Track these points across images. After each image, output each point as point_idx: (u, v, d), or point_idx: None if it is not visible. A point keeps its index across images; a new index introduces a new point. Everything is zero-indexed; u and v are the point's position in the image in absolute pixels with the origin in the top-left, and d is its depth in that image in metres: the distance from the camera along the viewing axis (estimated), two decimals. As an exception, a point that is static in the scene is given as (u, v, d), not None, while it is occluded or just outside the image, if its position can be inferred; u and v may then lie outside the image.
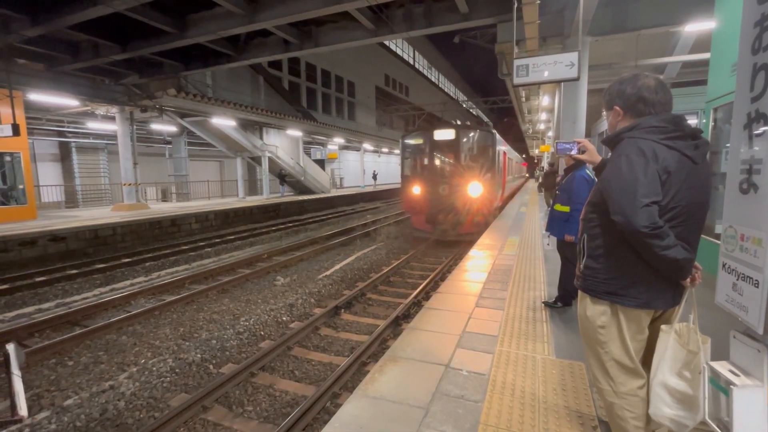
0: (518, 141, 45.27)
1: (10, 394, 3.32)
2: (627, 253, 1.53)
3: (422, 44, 40.56)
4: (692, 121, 6.64)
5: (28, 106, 12.26)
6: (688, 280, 1.52)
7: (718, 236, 4.34)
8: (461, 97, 55.12)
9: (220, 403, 3.64)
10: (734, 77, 1.32)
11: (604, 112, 1.78)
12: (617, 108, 1.63)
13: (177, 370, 4.15)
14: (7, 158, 11.62)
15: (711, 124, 4.83)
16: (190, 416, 3.42)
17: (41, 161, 17.10)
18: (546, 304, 3.91)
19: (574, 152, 1.91)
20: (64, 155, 18.12)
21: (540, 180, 19.62)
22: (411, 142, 10.77)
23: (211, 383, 3.80)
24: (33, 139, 15.80)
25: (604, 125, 13.34)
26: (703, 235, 1.51)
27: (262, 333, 5.23)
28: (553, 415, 2.20)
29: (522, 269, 5.36)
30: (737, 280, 1.24)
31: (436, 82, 46.02)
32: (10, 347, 3.41)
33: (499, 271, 5.28)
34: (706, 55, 5.15)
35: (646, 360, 1.65)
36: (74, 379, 4.14)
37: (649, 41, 9.43)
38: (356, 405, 2.32)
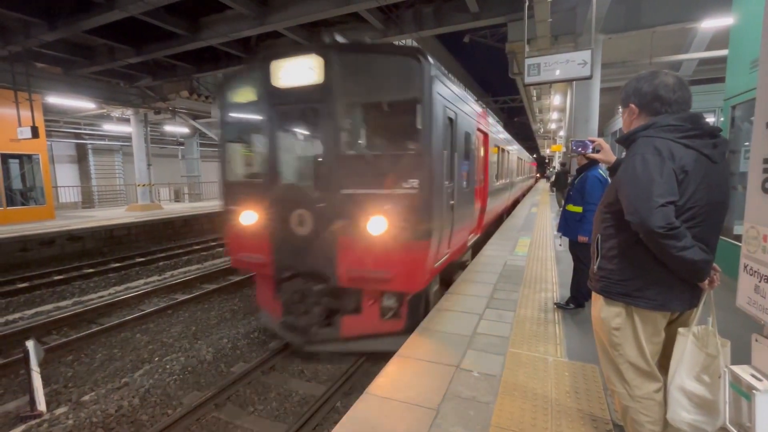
0: (529, 140, 44.86)
1: (30, 390, 3.43)
2: (642, 253, 1.49)
3: (432, 44, 40.45)
4: (709, 120, 6.49)
5: (47, 109, 12.59)
6: (707, 282, 1.49)
7: (737, 237, 4.23)
8: (471, 96, 54.71)
9: (232, 402, 3.68)
10: (754, 74, 1.28)
11: (620, 109, 1.75)
12: (632, 105, 1.60)
13: (189, 368, 4.21)
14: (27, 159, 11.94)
15: (729, 122, 4.72)
16: (203, 413, 3.46)
17: (59, 162, 17.53)
18: (558, 305, 3.86)
19: (588, 151, 1.88)
20: (80, 157, 18.56)
21: (552, 179, 19.40)
22: (232, 99, 4.44)
23: (223, 381, 3.84)
24: (51, 141, 16.20)
25: (617, 124, 13.13)
26: (721, 237, 1.47)
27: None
28: (566, 418, 2.17)
29: (533, 270, 5.30)
30: (760, 282, 1.21)
31: (446, 82, 45.75)
32: (30, 344, 3.52)
33: (510, 272, 5.23)
34: (723, 52, 5.03)
35: (663, 363, 1.61)
36: (90, 375, 4.23)
37: (664, 38, 9.26)
38: (367, 405, 2.32)
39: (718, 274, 1.52)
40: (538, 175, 39.92)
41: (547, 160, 48.15)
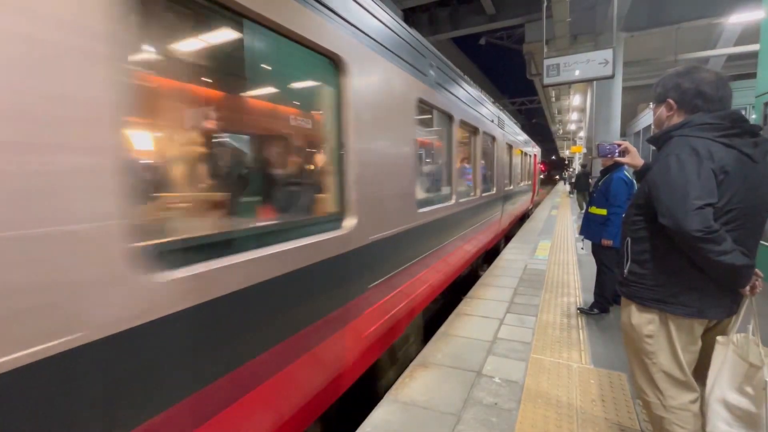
0: (548, 142, 44.16)
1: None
2: (677, 258, 1.41)
3: (447, 47, 40.37)
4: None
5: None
6: (747, 288, 1.41)
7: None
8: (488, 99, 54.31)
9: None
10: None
11: (652, 105, 1.66)
12: (670, 101, 1.51)
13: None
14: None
15: (762, 118, 4.54)
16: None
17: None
18: (581, 310, 3.77)
19: (616, 155, 1.85)
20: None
21: (573, 181, 19.00)
22: None
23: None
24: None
25: (640, 124, 12.75)
26: (762, 241, 1.40)
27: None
28: (592, 427, 2.11)
29: (555, 274, 5.19)
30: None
31: (462, 85, 45.49)
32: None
33: (531, 276, 5.14)
34: (754, 47, 4.84)
35: (699, 371, 1.53)
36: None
37: (689, 34, 8.97)
38: (387, 410, 2.31)
39: (760, 279, 1.43)
40: (557, 178, 39.08)
41: (566, 162, 47.18)
